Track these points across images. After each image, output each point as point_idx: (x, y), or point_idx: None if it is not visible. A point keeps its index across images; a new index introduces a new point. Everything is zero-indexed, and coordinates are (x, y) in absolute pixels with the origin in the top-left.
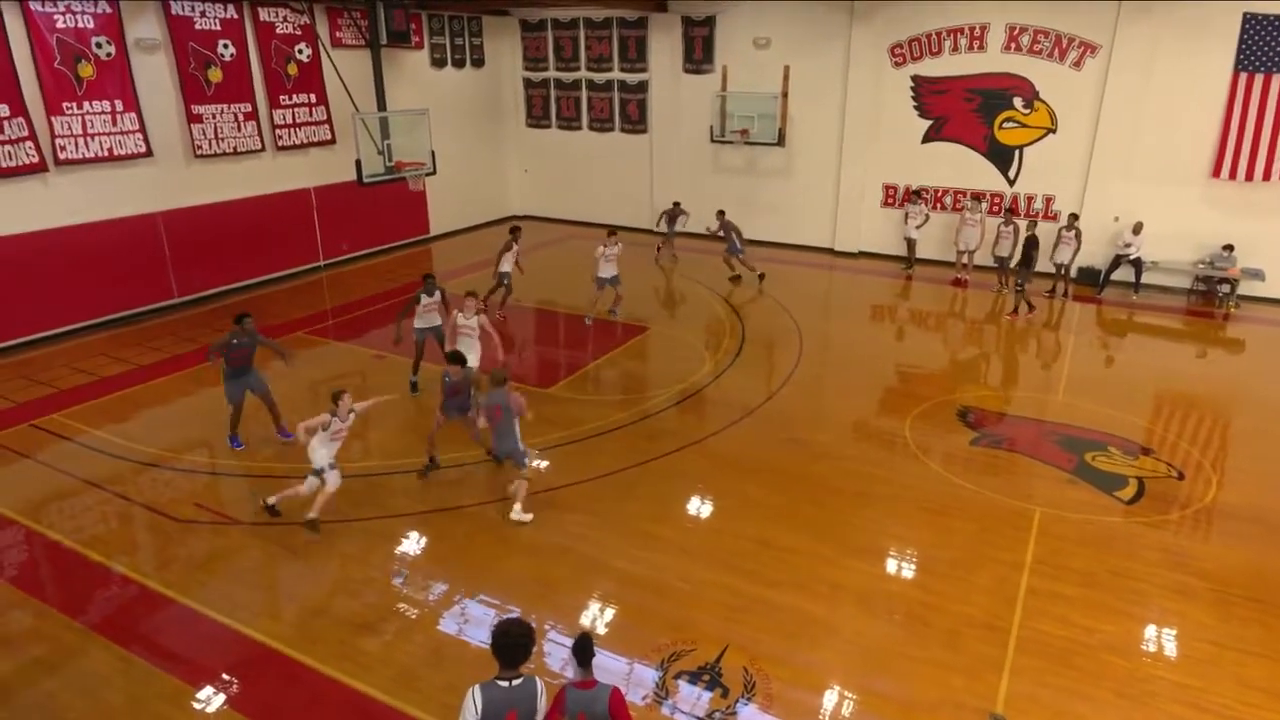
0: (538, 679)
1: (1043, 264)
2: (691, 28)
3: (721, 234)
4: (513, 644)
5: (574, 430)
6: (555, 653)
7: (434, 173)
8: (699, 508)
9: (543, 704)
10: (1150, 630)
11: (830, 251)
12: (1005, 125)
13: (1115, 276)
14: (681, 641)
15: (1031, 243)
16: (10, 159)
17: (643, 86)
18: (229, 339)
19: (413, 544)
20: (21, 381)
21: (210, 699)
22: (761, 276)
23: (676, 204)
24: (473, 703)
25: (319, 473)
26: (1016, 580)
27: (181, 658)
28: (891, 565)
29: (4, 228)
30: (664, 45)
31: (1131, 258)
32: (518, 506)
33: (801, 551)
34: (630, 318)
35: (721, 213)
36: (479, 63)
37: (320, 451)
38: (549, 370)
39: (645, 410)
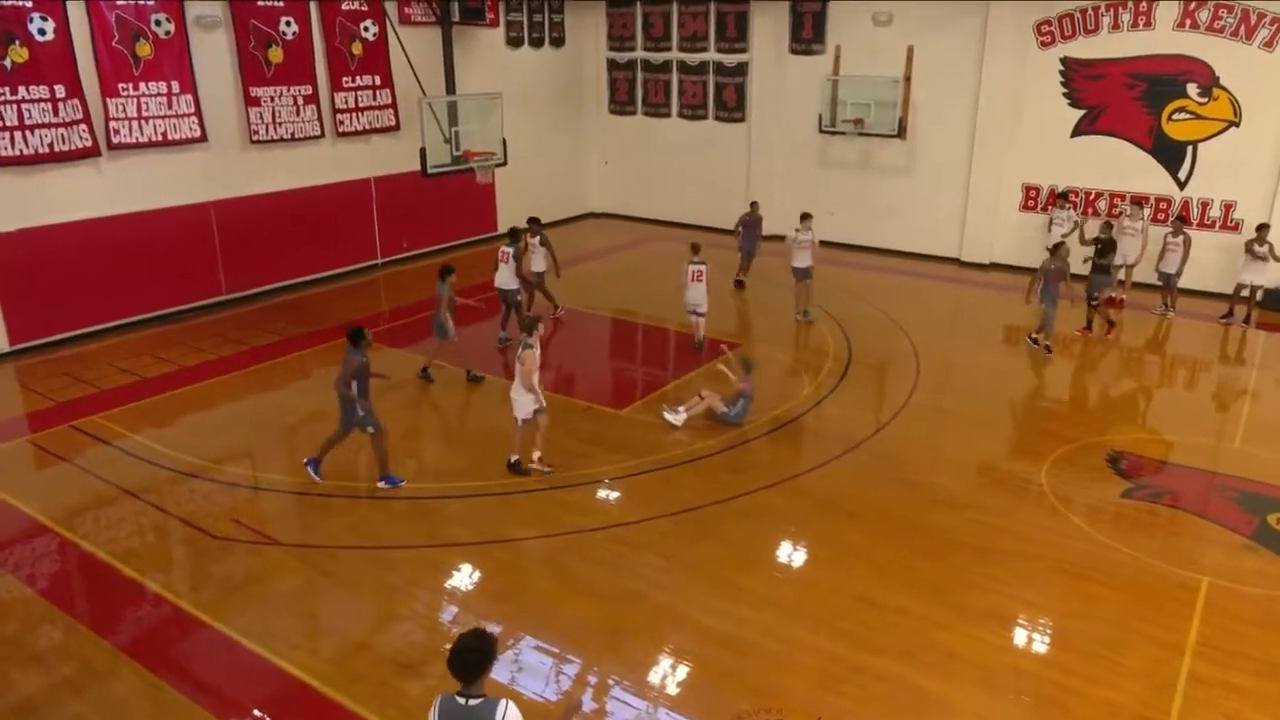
0: (504, 702)
1: (1227, 284)
2: (801, 2)
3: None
4: (464, 660)
5: (648, 459)
6: (619, 712)
7: (505, 163)
8: (791, 555)
9: None
10: None
11: (956, 262)
12: (1176, 116)
13: None
14: (766, 710)
15: (1107, 246)
16: (64, 142)
17: (742, 69)
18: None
19: (465, 578)
20: (64, 380)
21: None
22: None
23: (754, 204)
24: (433, 714)
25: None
26: (1176, 664)
27: (211, 687)
28: (1021, 636)
29: (53, 216)
30: (768, 22)
31: None
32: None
33: (911, 613)
34: (719, 333)
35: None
36: (558, 42)
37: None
38: (623, 389)
39: (732, 439)
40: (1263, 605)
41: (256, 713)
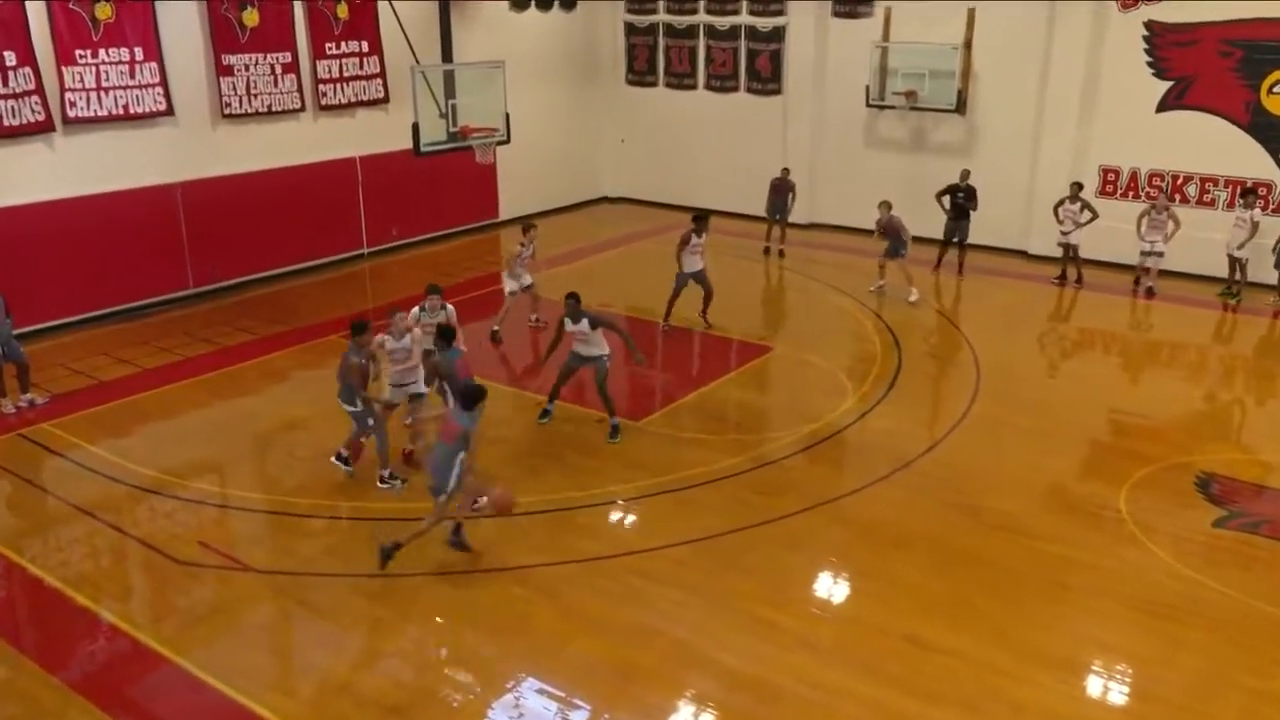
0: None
1: None
2: None
3: (883, 233)
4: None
5: (667, 477)
6: None
7: (507, 141)
8: (830, 589)
9: None
10: None
11: (1023, 255)
12: (1277, 89)
13: None
14: None
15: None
16: (14, 116)
17: (778, 34)
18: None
19: (461, 609)
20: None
21: None
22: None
23: (785, 171)
24: None
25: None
26: (1275, 718)
27: None
28: (1095, 685)
29: (1, 198)
30: None
31: None
32: None
33: (969, 657)
34: (750, 335)
35: (886, 204)
36: (569, 4)
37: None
38: (640, 397)
39: (763, 455)
40: None
41: None
